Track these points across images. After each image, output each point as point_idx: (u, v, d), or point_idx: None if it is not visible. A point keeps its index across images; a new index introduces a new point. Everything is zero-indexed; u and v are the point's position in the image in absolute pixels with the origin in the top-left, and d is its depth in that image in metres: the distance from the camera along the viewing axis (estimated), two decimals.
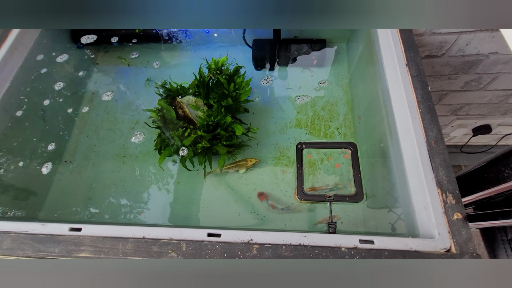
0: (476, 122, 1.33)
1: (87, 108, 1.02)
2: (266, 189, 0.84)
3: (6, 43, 0.84)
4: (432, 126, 0.62)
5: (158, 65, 1.06)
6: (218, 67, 0.90)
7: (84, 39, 1.06)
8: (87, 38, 1.06)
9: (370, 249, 0.51)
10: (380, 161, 0.77)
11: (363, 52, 0.93)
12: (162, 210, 0.85)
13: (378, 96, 0.78)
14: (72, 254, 0.53)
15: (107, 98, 1.03)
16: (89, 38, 1.06)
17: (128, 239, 0.54)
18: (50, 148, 0.91)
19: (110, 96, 1.03)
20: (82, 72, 1.08)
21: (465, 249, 0.51)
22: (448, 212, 0.54)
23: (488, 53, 0.94)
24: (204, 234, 0.54)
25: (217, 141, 0.83)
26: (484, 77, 1.05)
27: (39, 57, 0.95)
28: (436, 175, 0.57)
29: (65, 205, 0.86)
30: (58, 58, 1.01)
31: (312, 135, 0.92)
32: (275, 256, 0.51)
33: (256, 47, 1.06)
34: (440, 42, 0.90)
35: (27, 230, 0.56)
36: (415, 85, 0.67)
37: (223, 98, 0.85)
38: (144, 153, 0.93)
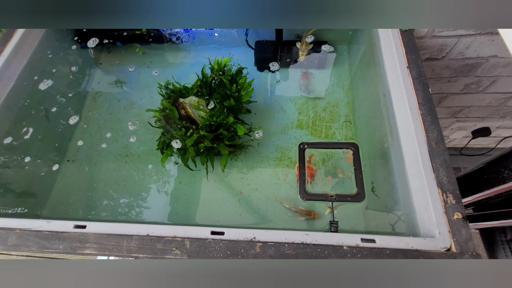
0: (476, 124, 1.34)
1: (90, 107, 1.03)
2: (266, 189, 0.85)
3: (11, 42, 0.85)
4: (433, 128, 0.63)
5: (158, 72, 1.07)
6: (221, 68, 0.91)
7: (91, 43, 1.07)
8: (93, 42, 1.07)
9: (371, 247, 0.52)
10: (381, 162, 0.78)
11: (364, 54, 0.94)
12: (164, 209, 0.85)
13: (379, 98, 0.79)
14: (77, 251, 0.54)
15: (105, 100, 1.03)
16: (93, 41, 1.07)
17: (132, 237, 0.55)
18: (53, 147, 0.92)
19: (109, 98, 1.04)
20: (85, 72, 1.08)
21: (465, 248, 0.51)
22: (448, 212, 0.54)
23: (488, 56, 0.95)
24: (207, 232, 0.55)
25: (219, 141, 0.83)
26: (483, 80, 1.06)
27: (43, 57, 0.96)
28: (436, 176, 0.58)
29: (68, 203, 0.87)
30: (61, 58, 1.01)
31: (313, 136, 0.92)
32: (278, 254, 0.52)
33: (258, 49, 1.07)
34: (440, 45, 0.91)
35: (32, 227, 0.57)
36: (416, 87, 0.68)
37: (226, 98, 0.86)
38: (147, 152, 0.94)
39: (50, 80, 0.97)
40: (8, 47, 0.84)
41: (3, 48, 0.84)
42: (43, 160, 0.89)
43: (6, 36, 0.86)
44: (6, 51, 0.84)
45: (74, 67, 1.06)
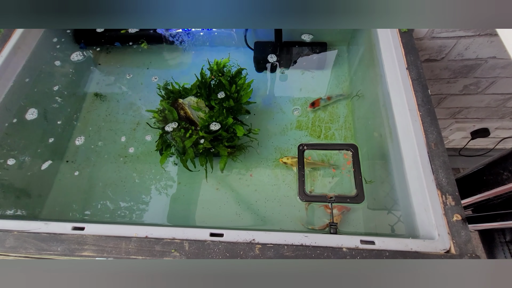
0: (475, 125, 1.35)
1: (89, 108, 1.03)
2: (265, 190, 0.85)
3: (10, 42, 0.85)
4: (432, 129, 0.63)
5: (157, 79, 1.07)
6: (220, 69, 0.91)
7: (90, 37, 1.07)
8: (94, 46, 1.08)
9: (371, 249, 0.52)
10: (380, 163, 0.78)
11: (364, 55, 0.94)
12: (163, 210, 0.85)
13: (379, 99, 0.79)
14: (75, 253, 0.54)
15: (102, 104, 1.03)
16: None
17: (131, 238, 0.54)
18: (52, 147, 0.92)
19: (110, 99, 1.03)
20: (84, 73, 1.08)
21: (465, 250, 0.51)
22: (447, 213, 0.54)
23: (487, 58, 0.95)
24: (206, 234, 0.54)
25: (218, 142, 0.83)
26: (482, 81, 1.06)
27: (42, 57, 0.95)
28: (436, 177, 0.58)
29: (66, 204, 0.87)
30: (60, 58, 1.01)
31: (312, 137, 0.92)
32: (277, 256, 0.52)
33: (258, 49, 1.07)
34: (439, 46, 0.91)
35: (30, 229, 0.56)
36: (415, 88, 0.68)
37: (225, 99, 0.86)
38: (145, 153, 0.94)
39: (49, 81, 0.97)
40: (7, 47, 0.84)
41: (1, 48, 0.84)
42: (42, 160, 0.89)
43: (5, 36, 0.86)
44: (5, 51, 0.83)
45: (73, 68, 1.05)
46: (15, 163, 0.85)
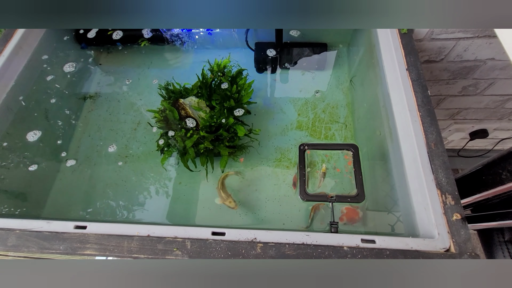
0: (473, 126, 1.35)
1: (90, 108, 1.03)
2: (266, 190, 0.85)
3: (11, 42, 0.85)
4: (432, 129, 0.64)
5: (157, 81, 1.07)
6: (220, 69, 0.91)
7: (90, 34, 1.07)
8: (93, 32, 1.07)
9: (371, 248, 0.52)
10: (380, 163, 0.78)
11: (364, 56, 0.94)
12: (163, 210, 0.85)
13: (379, 99, 0.79)
14: (77, 251, 0.54)
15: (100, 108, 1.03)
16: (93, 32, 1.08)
17: (133, 237, 0.55)
18: (53, 147, 0.92)
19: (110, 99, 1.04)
20: (85, 73, 1.08)
21: (464, 249, 0.52)
22: (447, 212, 0.55)
23: (486, 59, 0.96)
24: (208, 233, 0.55)
25: (219, 142, 0.83)
26: (481, 82, 1.07)
27: (43, 57, 0.95)
28: (435, 177, 0.58)
29: (67, 204, 0.87)
30: (61, 58, 1.01)
31: (312, 137, 0.93)
32: (279, 254, 0.52)
33: (258, 50, 1.08)
34: (439, 47, 0.92)
35: (32, 228, 0.57)
36: (415, 89, 0.69)
37: (226, 99, 0.87)
38: (146, 153, 0.94)
39: (50, 81, 0.97)
40: (8, 47, 0.84)
41: (3, 48, 0.84)
42: (43, 160, 0.89)
43: (6, 36, 0.86)
44: (6, 51, 0.83)
45: (74, 68, 1.06)
46: (16, 162, 0.85)
